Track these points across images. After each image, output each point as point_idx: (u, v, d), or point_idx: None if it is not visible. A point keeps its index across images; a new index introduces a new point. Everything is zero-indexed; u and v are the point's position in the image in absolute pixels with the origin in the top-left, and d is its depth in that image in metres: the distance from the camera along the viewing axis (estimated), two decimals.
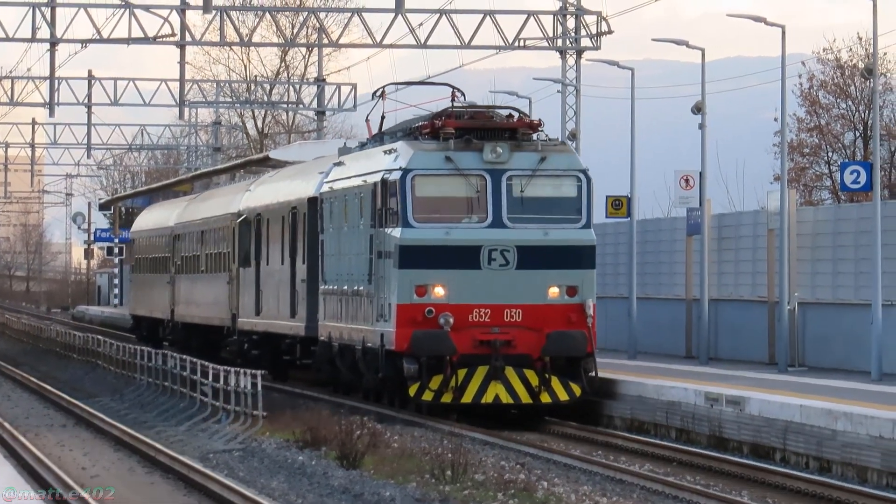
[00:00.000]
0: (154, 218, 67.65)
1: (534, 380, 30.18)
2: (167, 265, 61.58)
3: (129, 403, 41.62)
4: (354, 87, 79.50)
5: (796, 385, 34.45)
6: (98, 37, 59.93)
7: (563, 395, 30.53)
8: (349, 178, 36.75)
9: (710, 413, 29.65)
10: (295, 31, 68.64)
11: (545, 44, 60.40)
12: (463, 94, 36.89)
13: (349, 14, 67.30)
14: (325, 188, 39.28)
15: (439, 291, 30.77)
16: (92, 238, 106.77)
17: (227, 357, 48.70)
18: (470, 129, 31.81)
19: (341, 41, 72.03)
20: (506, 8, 58.14)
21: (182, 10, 57.02)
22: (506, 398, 30.22)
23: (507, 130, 32.11)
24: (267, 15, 77.92)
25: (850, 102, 62.59)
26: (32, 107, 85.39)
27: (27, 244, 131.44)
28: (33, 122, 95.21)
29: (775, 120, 49.40)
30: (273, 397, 38.14)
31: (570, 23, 58.43)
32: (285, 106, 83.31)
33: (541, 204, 31.78)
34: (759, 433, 27.81)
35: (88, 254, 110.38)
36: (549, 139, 32.84)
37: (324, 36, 71.96)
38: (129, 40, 58.94)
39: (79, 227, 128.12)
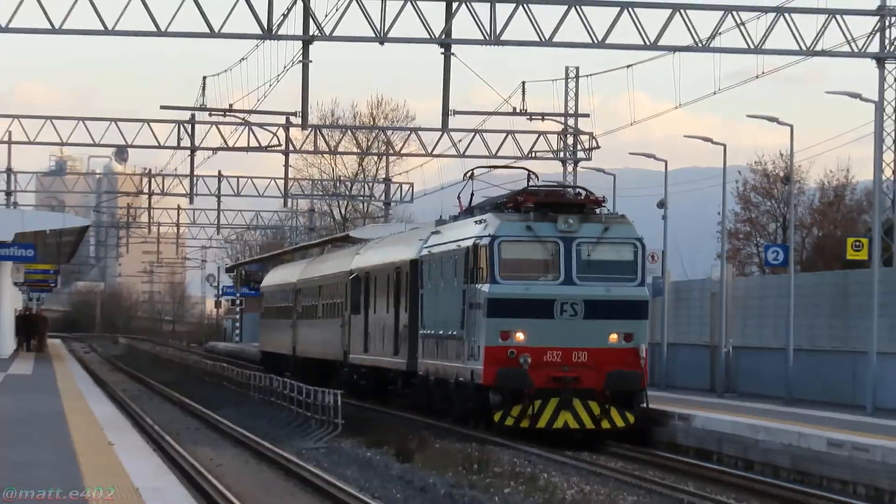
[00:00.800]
0: (280, 276, 67.60)
1: (596, 410, 28.69)
2: (290, 313, 58.76)
3: (245, 414, 40.17)
4: (412, 185, 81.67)
5: (730, 407, 35.16)
6: (225, 146, 61.15)
7: (619, 423, 28.98)
8: (445, 244, 34.54)
9: (668, 427, 30.19)
10: (369, 143, 63.96)
11: (551, 155, 62.65)
12: (537, 176, 35.36)
13: (408, 132, 68.09)
14: (425, 252, 36.84)
15: (520, 336, 28.88)
16: (221, 292, 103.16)
17: (338, 386, 41.71)
18: (546, 203, 30.20)
19: (402, 151, 70.99)
20: (521, 129, 60.93)
21: (287, 127, 58.64)
22: (573, 424, 28.67)
23: (577, 206, 30.53)
24: (349, 131, 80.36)
25: (773, 201, 62.47)
26: (177, 196, 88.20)
27: (173, 297, 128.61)
28: (178, 208, 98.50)
29: (718, 213, 48.02)
30: (372, 415, 38.32)
31: (570, 140, 60.91)
32: (362, 198, 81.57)
33: (604, 266, 29.85)
34: (702, 441, 28.31)
35: (218, 304, 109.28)
36: (612, 213, 31.38)
37: (390, 147, 73.92)
38: (248, 149, 60.62)
39: (210, 285, 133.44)
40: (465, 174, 40.30)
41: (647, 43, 40.45)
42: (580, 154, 57.08)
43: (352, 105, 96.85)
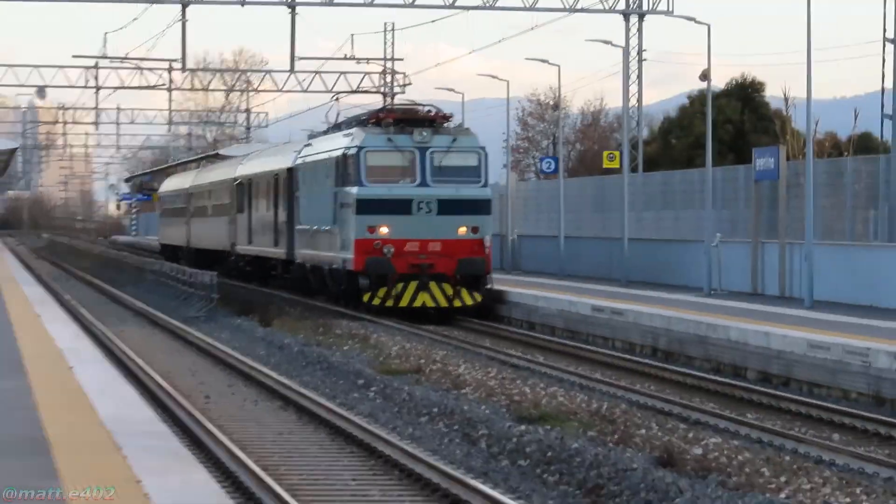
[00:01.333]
0: (174, 183, 67.57)
1: (449, 291, 28.36)
2: (184, 212, 58.04)
3: (142, 291, 41.27)
4: (266, 115, 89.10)
5: (519, 281, 36.50)
6: (122, 85, 63.50)
7: (468, 301, 28.81)
8: (317, 154, 34.48)
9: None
10: (234, 83, 78.85)
11: (375, 90, 62.38)
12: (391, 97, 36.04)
13: (263, 73, 70.18)
14: (299, 161, 36.40)
15: (384, 230, 28.54)
16: (120, 198, 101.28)
17: (226, 272, 43.96)
18: (403, 119, 29.79)
19: (259, 88, 72.11)
20: (351, 70, 61.25)
21: (170, 70, 59.41)
22: (430, 303, 28.40)
23: (429, 121, 29.85)
24: (218, 73, 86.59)
25: (545, 124, 72.14)
26: (85, 125, 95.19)
27: (83, 202, 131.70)
28: (86, 134, 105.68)
29: (503, 133, 53.72)
30: (255, 296, 38.29)
31: (388, 78, 63.05)
32: (228, 125, 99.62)
33: (453, 170, 29.32)
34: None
35: (118, 207, 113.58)
36: (458, 126, 30.99)
37: (249, 85, 76.73)
38: (140, 88, 63.92)
39: (113, 193, 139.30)
40: (333, 97, 43.33)
41: (448, 4, 40.65)
42: (396, 89, 59.23)
43: (219, 54, 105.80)
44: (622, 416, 14.45)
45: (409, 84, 61.45)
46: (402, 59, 63.34)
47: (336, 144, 31.63)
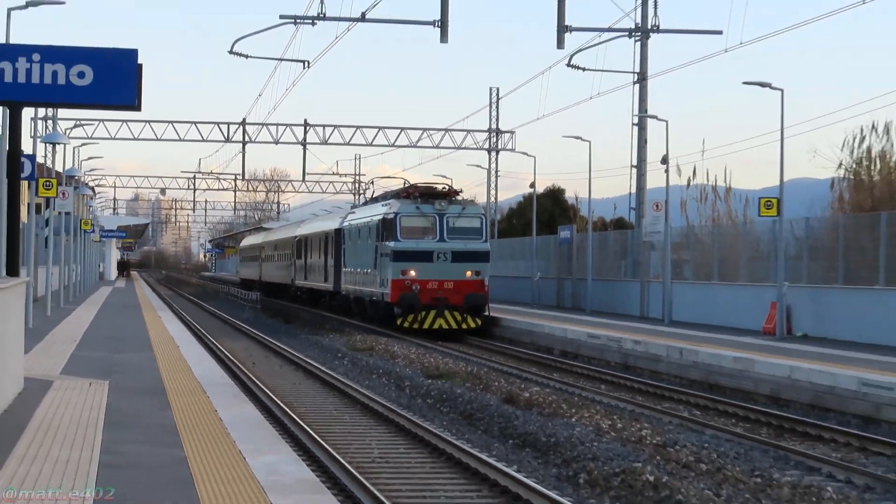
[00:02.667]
0: (250, 240, 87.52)
1: (458, 317, 33.59)
2: (258, 258, 74.63)
3: (217, 303, 61.17)
4: (289, 204, 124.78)
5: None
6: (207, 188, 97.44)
7: (472, 324, 33.83)
8: (360, 218, 41.68)
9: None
10: (270, 187, 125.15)
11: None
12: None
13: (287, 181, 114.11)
14: (346, 224, 44.04)
15: (412, 273, 33.57)
16: (206, 251, 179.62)
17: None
18: (426, 194, 35.35)
19: (284, 190, 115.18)
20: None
21: (235, 179, 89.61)
22: (445, 325, 33.38)
23: (445, 195, 35.49)
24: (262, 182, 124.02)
25: None
26: (187, 210, 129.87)
27: (185, 253, 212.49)
28: (187, 216, 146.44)
29: None
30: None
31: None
32: (267, 210, 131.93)
33: (462, 230, 34.46)
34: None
35: (205, 256, 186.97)
36: (466, 199, 36.51)
37: (280, 187, 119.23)
38: (218, 189, 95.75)
39: (202, 248, 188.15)
40: (368, 181, 64.14)
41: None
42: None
43: (263, 170, 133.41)
44: (485, 375, 22.54)
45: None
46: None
47: (377, 211, 37.92)
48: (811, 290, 28.51)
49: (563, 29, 35.46)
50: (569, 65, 38.62)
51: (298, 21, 36.01)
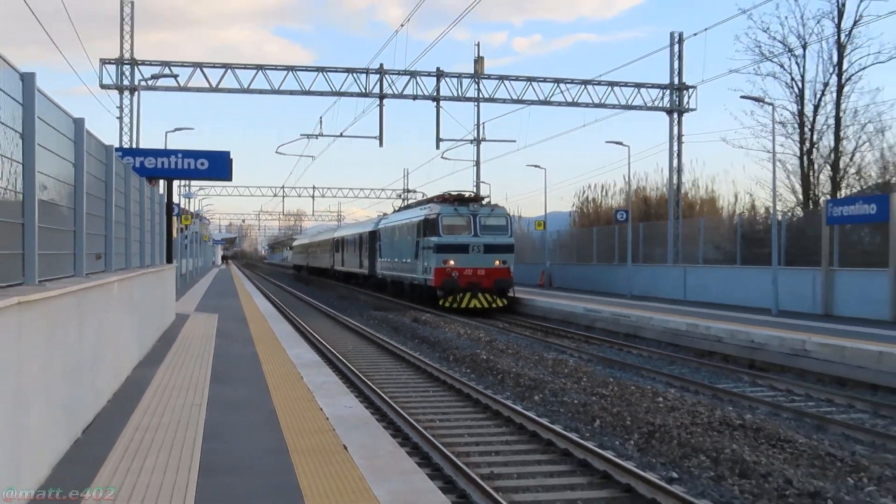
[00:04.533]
0: (300, 242, 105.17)
1: (489, 298, 35.15)
2: (306, 251, 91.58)
3: (277, 277, 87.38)
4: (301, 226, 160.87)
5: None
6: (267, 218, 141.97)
7: (500, 303, 35.27)
8: (395, 221, 45.74)
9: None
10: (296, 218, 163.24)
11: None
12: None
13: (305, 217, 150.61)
14: (381, 226, 49.02)
15: (452, 262, 34.97)
16: (266, 250, 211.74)
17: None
18: (459, 199, 37.15)
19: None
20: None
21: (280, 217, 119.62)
22: (479, 305, 34.80)
23: (475, 199, 37.70)
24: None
25: None
26: (255, 229, 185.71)
27: (255, 251, 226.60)
28: (256, 231, 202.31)
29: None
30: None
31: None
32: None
33: (492, 228, 35.84)
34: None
35: (265, 253, 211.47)
36: (495, 204, 37.91)
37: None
38: (274, 219, 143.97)
39: (264, 249, 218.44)
40: (401, 195, 72.62)
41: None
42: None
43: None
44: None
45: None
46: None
47: (416, 214, 41.16)
48: (561, 265, 49.47)
49: (438, 139, 43.73)
50: (442, 157, 55.58)
51: (310, 136, 49.56)
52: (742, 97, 36.56)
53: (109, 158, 11.42)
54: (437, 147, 44.62)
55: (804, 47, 37.48)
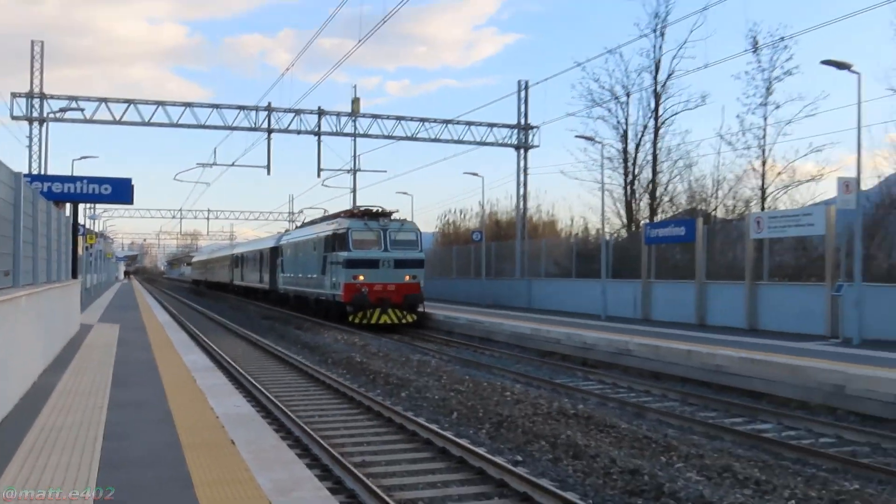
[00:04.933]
0: (198, 258, 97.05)
1: (399, 314, 30.67)
2: (205, 267, 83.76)
3: (172, 290, 75.61)
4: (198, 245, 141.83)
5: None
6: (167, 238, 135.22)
7: (410, 319, 30.82)
8: (298, 237, 40.54)
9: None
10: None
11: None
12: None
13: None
14: (282, 242, 44.15)
15: (361, 277, 30.49)
16: (164, 265, 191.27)
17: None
18: (368, 214, 32.12)
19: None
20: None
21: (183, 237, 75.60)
22: (388, 321, 30.33)
23: (385, 214, 32.25)
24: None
25: None
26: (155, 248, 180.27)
27: (154, 267, 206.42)
28: (156, 250, 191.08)
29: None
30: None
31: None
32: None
33: (402, 243, 31.26)
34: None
35: (163, 268, 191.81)
36: (404, 219, 32.92)
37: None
38: (175, 238, 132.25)
39: (163, 265, 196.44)
40: (299, 211, 67.98)
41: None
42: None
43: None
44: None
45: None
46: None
47: (324, 229, 35.50)
48: (435, 279, 44.39)
49: (319, 169, 42.81)
50: (323, 185, 51.22)
51: (205, 165, 48.13)
52: (577, 136, 37.54)
53: (18, 184, 10.99)
54: (319, 175, 44.36)
55: (628, 95, 38.57)
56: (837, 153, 69.14)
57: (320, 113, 40.48)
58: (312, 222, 43.59)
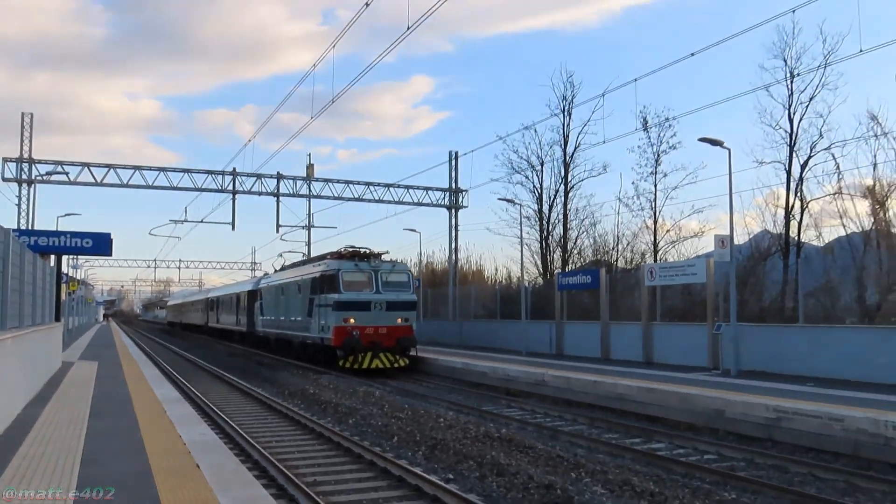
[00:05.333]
0: (173, 302, 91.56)
1: (392, 358, 25.38)
2: (180, 310, 78.02)
3: (148, 332, 68.69)
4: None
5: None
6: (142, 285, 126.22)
7: (403, 363, 25.44)
8: (280, 280, 34.22)
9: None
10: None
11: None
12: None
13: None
14: (262, 286, 38.29)
15: (353, 320, 25.26)
16: (140, 309, 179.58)
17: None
18: (356, 255, 26.77)
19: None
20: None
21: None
22: (381, 365, 25.16)
23: (375, 255, 26.88)
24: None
25: None
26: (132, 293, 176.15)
27: (132, 311, 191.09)
28: (133, 294, 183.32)
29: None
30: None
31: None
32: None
33: (394, 284, 25.98)
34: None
35: (139, 311, 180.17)
36: (395, 260, 27.90)
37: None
38: (150, 286, 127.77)
39: (139, 309, 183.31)
40: (280, 254, 53.94)
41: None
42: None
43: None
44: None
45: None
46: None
47: (309, 271, 29.60)
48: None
49: (278, 225, 40.76)
50: (281, 239, 53.60)
51: (177, 221, 46.04)
52: (499, 199, 38.08)
53: (7, 238, 10.80)
54: (277, 231, 43.58)
55: (542, 164, 38.83)
56: (715, 213, 71.94)
57: (279, 177, 40.05)
58: (294, 265, 37.21)
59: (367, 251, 28.41)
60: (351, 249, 28.44)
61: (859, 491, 9.78)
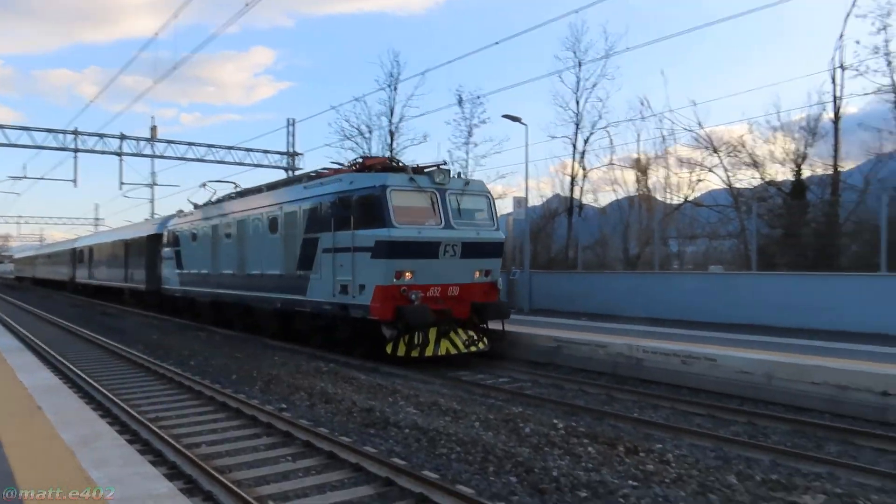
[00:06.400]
0: (25, 254, 70.52)
1: (470, 337, 13.68)
2: (32, 264, 60.57)
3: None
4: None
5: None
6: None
7: (483, 345, 13.70)
8: (227, 214, 19.36)
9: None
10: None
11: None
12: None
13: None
14: (177, 226, 23.45)
15: (409, 275, 13.00)
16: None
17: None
18: (414, 169, 14.05)
19: None
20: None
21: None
22: (453, 350, 13.26)
23: (439, 169, 14.21)
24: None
25: None
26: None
27: None
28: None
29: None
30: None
31: None
32: None
33: (469, 213, 14.01)
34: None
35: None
36: (468, 178, 15.86)
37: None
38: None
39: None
40: (203, 184, 24.55)
41: None
42: None
43: None
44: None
45: None
46: None
47: (315, 192, 15.25)
48: None
49: (121, 183, 41.42)
50: (125, 196, 48.98)
51: (17, 178, 44.70)
52: (332, 162, 37.94)
53: None
54: (121, 188, 41.56)
55: (370, 132, 37.61)
56: (517, 179, 75.91)
57: (122, 137, 38.44)
58: (257, 190, 19.44)
59: (419, 166, 15.07)
60: (378, 158, 15.40)
61: (616, 401, 10.78)
